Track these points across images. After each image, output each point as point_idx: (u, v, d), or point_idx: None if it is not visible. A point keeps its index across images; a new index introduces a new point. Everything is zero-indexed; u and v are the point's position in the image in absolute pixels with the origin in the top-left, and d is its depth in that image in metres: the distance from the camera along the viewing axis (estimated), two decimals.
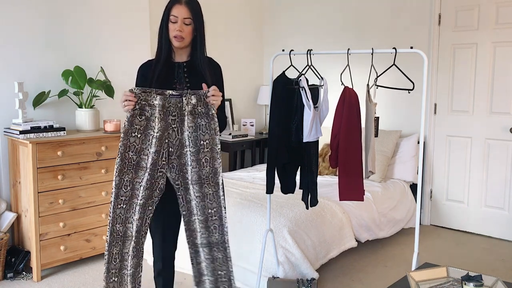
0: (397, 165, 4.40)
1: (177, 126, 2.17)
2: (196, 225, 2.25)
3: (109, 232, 2.16)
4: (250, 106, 5.63)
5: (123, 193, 2.15)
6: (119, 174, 2.13)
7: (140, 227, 2.20)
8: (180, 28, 2.22)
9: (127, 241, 2.20)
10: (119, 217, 2.16)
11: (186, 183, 2.22)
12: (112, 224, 2.15)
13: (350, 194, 2.68)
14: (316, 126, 2.63)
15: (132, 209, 2.18)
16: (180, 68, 2.31)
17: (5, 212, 3.37)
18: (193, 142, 2.18)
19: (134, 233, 2.19)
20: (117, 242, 2.18)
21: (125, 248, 2.20)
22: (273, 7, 5.58)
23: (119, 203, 2.15)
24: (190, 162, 2.19)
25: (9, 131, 3.32)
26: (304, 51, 2.78)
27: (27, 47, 3.49)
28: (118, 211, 2.16)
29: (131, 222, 2.19)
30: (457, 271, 2.26)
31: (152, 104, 2.13)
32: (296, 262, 3.03)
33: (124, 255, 2.21)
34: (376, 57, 2.73)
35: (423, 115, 2.58)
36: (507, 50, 4.01)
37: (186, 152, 2.19)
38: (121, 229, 2.18)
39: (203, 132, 2.18)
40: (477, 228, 4.29)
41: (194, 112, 2.17)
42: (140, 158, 2.16)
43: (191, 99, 2.15)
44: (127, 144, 2.12)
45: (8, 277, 3.24)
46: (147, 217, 2.21)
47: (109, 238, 2.16)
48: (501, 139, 4.10)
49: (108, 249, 2.17)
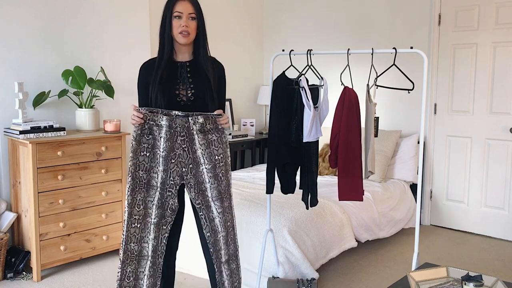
0: (397, 165, 4.39)
1: (187, 146, 2.17)
2: (221, 243, 2.24)
3: (122, 250, 2.14)
4: (250, 106, 5.63)
5: (136, 212, 2.15)
6: (131, 193, 2.12)
7: (156, 246, 2.19)
8: (186, 24, 2.21)
9: (143, 261, 2.19)
10: (134, 236, 2.15)
11: (207, 200, 2.21)
12: (126, 242, 2.14)
13: (349, 194, 2.68)
14: (316, 126, 2.63)
15: (147, 229, 2.17)
16: (183, 68, 2.29)
17: (5, 212, 3.37)
18: (208, 158, 2.18)
19: (150, 252, 2.18)
20: (132, 261, 2.17)
21: (141, 268, 2.19)
22: (273, 7, 5.58)
23: (133, 222, 2.14)
24: (208, 179, 2.19)
25: (9, 131, 3.32)
26: (304, 51, 2.78)
27: (27, 47, 3.49)
28: (132, 230, 2.14)
29: (146, 241, 2.18)
30: (457, 271, 2.26)
31: (160, 125, 2.13)
32: (296, 262, 3.03)
33: (139, 274, 2.19)
34: (376, 57, 2.73)
35: (423, 115, 2.58)
36: (507, 50, 4.02)
37: (202, 170, 2.19)
38: (136, 248, 2.17)
39: (216, 147, 2.20)
40: (477, 228, 4.29)
41: (204, 130, 2.17)
42: (150, 177, 2.16)
43: (198, 119, 2.15)
44: (137, 163, 2.13)
45: (8, 277, 3.24)
46: (162, 236, 2.20)
47: (122, 257, 2.15)
48: (501, 139, 4.10)
49: (122, 267, 2.15)
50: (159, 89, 2.21)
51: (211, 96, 2.28)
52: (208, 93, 2.27)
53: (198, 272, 3.26)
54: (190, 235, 3.04)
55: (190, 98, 2.25)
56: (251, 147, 5.20)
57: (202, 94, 2.27)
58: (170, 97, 2.22)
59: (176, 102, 2.23)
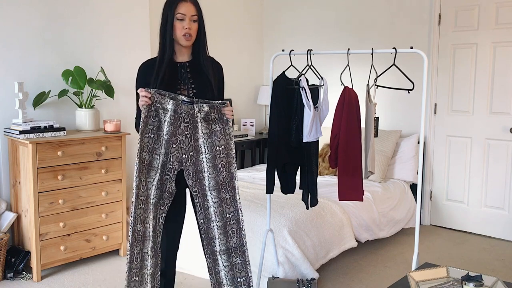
0: (397, 165, 4.40)
1: (189, 132, 2.17)
2: (214, 232, 2.24)
3: (131, 232, 2.15)
4: (250, 106, 5.63)
5: (141, 193, 2.16)
6: (138, 175, 2.14)
7: (155, 226, 2.20)
8: (189, 26, 2.21)
9: (146, 241, 2.20)
10: (139, 217, 2.16)
11: (204, 189, 2.22)
12: (134, 224, 2.15)
13: (349, 194, 2.68)
14: (316, 126, 2.63)
15: (148, 209, 2.19)
16: (183, 69, 2.29)
17: (5, 212, 3.37)
18: (209, 148, 2.19)
19: (151, 232, 2.20)
20: (138, 242, 2.18)
21: (145, 248, 2.21)
22: (273, 7, 5.58)
23: (139, 203, 2.15)
24: (206, 169, 2.19)
25: (9, 131, 3.32)
26: (304, 51, 2.78)
27: (27, 47, 3.49)
28: (138, 211, 2.15)
29: (148, 222, 2.19)
30: (457, 271, 2.26)
31: (166, 108, 2.14)
32: (296, 262, 3.03)
33: (144, 255, 2.21)
34: (376, 57, 2.73)
35: (423, 115, 2.58)
36: (507, 50, 4.02)
37: (202, 159, 2.19)
38: (141, 229, 2.18)
39: (218, 138, 2.19)
40: (477, 228, 4.29)
41: (208, 119, 2.18)
42: (152, 158, 2.17)
43: (203, 107, 2.16)
44: (142, 144, 2.14)
45: (8, 277, 3.24)
46: (159, 216, 2.21)
47: (131, 238, 2.16)
48: (501, 139, 4.10)
49: (130, 249, 2.17)
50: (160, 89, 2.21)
51: (213, 96, 2.28)
52: (209, 93, 2.28)
53: (198, 272, 3.26)
54: (190, 236, 3.04)
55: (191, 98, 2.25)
56: (251, 147, 5.20)
57: (203, 94, 2.27)
58: None
59: None
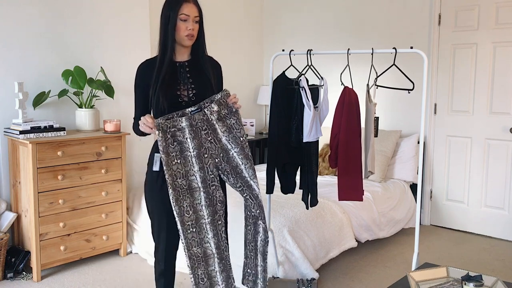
0: (397, 165, 4.40)
1: (212, 137, 2.20)
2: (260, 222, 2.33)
3: (187, 256, 2.18)
4: (250, 106, 5.63)
5: (187, 219, 2.17)
6: (177, 202, 2.14)
7: (218, 243, 2.22)
8: (192, 27, 2.22)
9: (210, 260, 2.23)
10: (193, 240, 2.18)
11: (247, 181, 2.28)
12: (188, 249, 2.18)
13: (349, 194, 2.68)
14: (316, 126, 2.63)
15: (204, 230, 2.20)
16: (182, 68, 2.29)
17: (5, 212, 3.37)
18: (234, 142, 2.23)
19: (215, 250, 2.22)
20: (199, 263, 2.21)
21: (210, 266, 2.23)
22: (273, 7, 5.58)
23: (187, 228, 2.17)
24: (241, 162, 2.25)
25: (9, 131, 3.32)
26: (304, 51, 2.78)
27: (27, 47, 3.49)
28: (189, 236, 2.17)
29: (207, 241, 2.21)
30: (457, 271, 2.26)
31: (181, 128, 2.14)
32: (296, 262, 3.03)
33: (211, 273, 2.23)
34: (376, 57, 2.73)
35: (423, 115, 2.58)
36: (507, 50, 4.02)
37: (233, 155, 2.24)
38: (200, 250, 2.20)
39: (237, 129, 2.24)
40: (477, 228, 4.29)
41: (221, 117, 2.21)
42: (189, 181, 2.17)
43: (212, 107, 2.18)
44: (173, 173, 2.13)
45: (8, 277, 3.24)
46: (220, 232, 2.23)
47: (189, 262, 2.19)
48: (501, 139, 4.10)
49: (192, 272, 2.19)
50: (161, 90, 2.20)
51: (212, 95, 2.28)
52: (209, 92, 2.28)
53: None
54: None
55: (191, 98, 2.25)
56: (251, 147, 5.20)
57: (203, 94, 2.27)
58: (172, 98, 2.22)
59: (178, 102, 2.23)
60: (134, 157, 4.11)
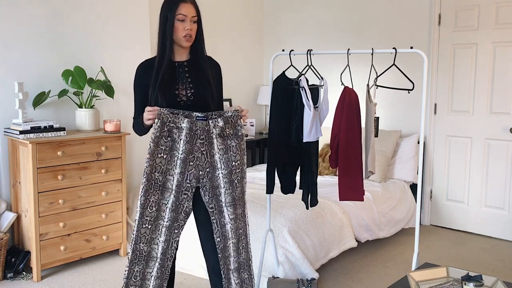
0: (397, 165, 4.40)
1: (205, 149, 2.16)
2: (230, 250, 2.23)
3: (131, 249, 2.16)
4: (250, 106, 5.63)
5: (148, 213, 2.15)
6: (145, 194, 2.13)
7: (166, 249, 2.19)
8: (190, 27, 2.22)
9: (151, 262, 2.20)
10: (144, 236, 2.16)
11: (220, 205, 2.20)
12: (135, 242, 2.15)
13: (350, 194, 2.68)
14: (316, 126, 2.63)
15: (158, 231, 2.18)
16: (181, 68, 2.29)
17: (5, 212, 3.37)
18: (225, 164, 2.17)
19: (160, 255, 2.18)
20: (140, 261, 2.18)
21: (149, 268, 2.20)
22: (273, 7, 5.58)
23: (144, 222, 2.15)
24: (223, 184, 2.18)
25: (9, 131, 3.32)
26: (304, 51, 2.78)
27: (27, 47, 3.49)
28: (142, 231, 2.15)
29: (156, 243, 2.18)
30: (457, 271, 2.26)
31: (180, 127, 2.12)
32: (296, 262, 3.03)
33: (147, 275, 2.20)
34: (376, 57, 2.73)
35: (423, 115, 2.58)
36: (507, 50, 4.02)
37: (218, 175, 2.18)
38: (145, 248, 2.17)
39: (234, 153, 2.18)
40: (477, 228, 4.29)
41: (223, 135, 2.17)
42: (166, 179, 2.15)
43: (218, 122, 2.14)
44: (153, 164, 2.12)
45: (8, 277, 3.24)
46: (173, 240, 2.20)
47: (130, 256, 2.16)
48: (501, 139, 4.10)
49: (129, 266, 2.17)
50: (160, 90, 2.21)
51: (211, 95, 2.28)
52: (208, 92, 2.28)
53: (198, 272, 3.26)
54: (190, 235, 3.04)
55: (190, 98, 2.25)
56: (251, 147, 5.20)
57: (201, 93, 2.27)
58: (170, 97, 2.22)
59: (176, 102, 2.23)
60: (134, 157, 4.11)
